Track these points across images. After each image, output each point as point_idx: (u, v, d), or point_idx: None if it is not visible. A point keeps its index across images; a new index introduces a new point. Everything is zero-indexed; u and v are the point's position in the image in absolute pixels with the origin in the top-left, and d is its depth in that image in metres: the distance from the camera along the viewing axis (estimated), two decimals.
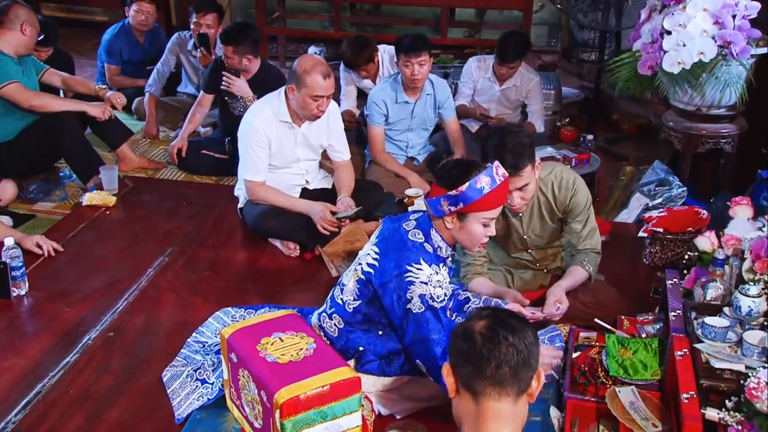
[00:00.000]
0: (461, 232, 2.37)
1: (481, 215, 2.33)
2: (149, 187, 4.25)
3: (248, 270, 3.45)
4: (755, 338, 2.24)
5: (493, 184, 2.29)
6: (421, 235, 2.38)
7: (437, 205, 2.33)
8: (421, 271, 2.31)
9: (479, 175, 2.28)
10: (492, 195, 2.30)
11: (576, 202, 2.84)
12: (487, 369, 1.55)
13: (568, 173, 2.89)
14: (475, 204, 2.29)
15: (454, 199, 2.29)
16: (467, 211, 2.31)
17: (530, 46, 4.74)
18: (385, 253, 2.39)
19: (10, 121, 3.98)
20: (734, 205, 2.87)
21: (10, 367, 2.75)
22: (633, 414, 2.30)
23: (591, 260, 2.89)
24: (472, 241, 2.39)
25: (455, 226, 2.36)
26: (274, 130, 3.44)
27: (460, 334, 1.61)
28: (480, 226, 2.35)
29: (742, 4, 3.36)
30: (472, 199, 2.28)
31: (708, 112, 3.64)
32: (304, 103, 3.34)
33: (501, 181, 2.32)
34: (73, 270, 3.39)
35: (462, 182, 2.27)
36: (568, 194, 2.84)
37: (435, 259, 2.37)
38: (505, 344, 1.55)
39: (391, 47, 4.55)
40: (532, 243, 2.97)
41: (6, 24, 3.90)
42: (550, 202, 2.86)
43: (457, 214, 2.33)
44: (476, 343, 1.57)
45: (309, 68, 3.29)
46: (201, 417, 2.49)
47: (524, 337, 1.58)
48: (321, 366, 2.25)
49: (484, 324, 1.59)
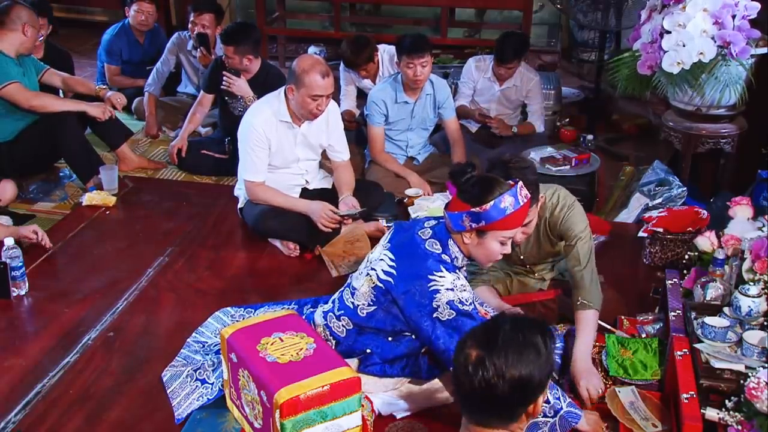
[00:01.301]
0: (478, 248, 2.35)
1: (500, 234, 2.32)
2: (149, 187, 4.24)
3: (248, 270, 3.45)
4: (755, 338, 2.24)
5: (516, 204, 2.28)
6: (438, 246, 2.37)
7: (459, 220, 2.32)
8: (444, 279, 2.31)
9: (504, 194, 2.26)
10: (514, 215, 2.29)
11: (568, 228, 2.72)
12: (463, 400, 1.59)
13: (564, 199, 2.76)
14: (497, 223, 2.28)
15: (476, 217, 2.28)
16: (488, 229, 2.30)
17: (529, 46, 4.74)
18: (402, 261, 2.38)
19: (10, 121, 3.99)
20: (734, 205, 2.87)
21: (10, 367, 2.75)
22: (633, 414, 2.30)
23: (592, 295, 2.67)
24: (488, 258, 2.39)
25: (473, 242, 2.34)
26: (273, 131, 3.44)
27: (459, 345, 1.61)
28: (497, 244, 2.34)
29: (741, 4, 3.36)
30: (495, 218, 2.27)
31: (708, 112, 3.64)
32: (304, 102, 3.34)
33: (524, 203, 2.31)
34: (73, 270, 3.39)
35: (486, 200, 2.26)
36: (559, 222, 2.73)
37: (452, 268, 2.37)
38: (479, 377, 1.55)
39: (391, 47, 4.55)
40: (529, 261, 2.97)
41: (7, 25, 3.90)
42: (547, 229, 2.80)
43: (477, 231, 2.32)
44: (459, 363, 1.58)
45: (308, 68, 3.29)
46: (201, 417, 2.49)
47: (508, 377, 1.55)
48: (321, 366, 2.25)
49: (477, 355, 1.56)
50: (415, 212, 3.75)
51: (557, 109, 5.10)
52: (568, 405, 2.28)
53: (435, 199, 3.86)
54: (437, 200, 3.83)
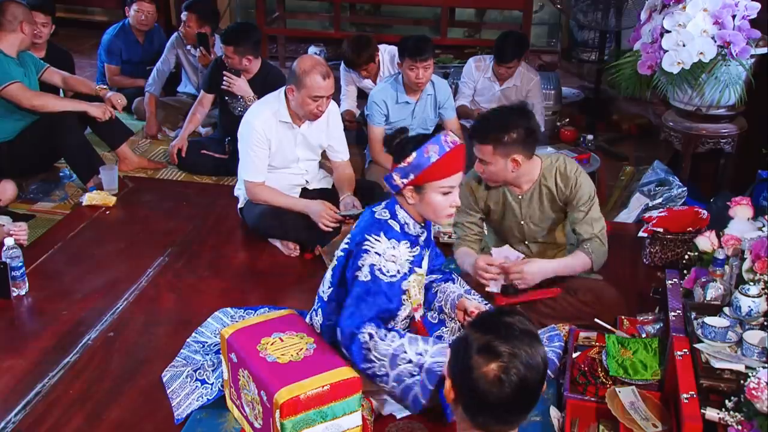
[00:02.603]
0: (422, 204, 2.36)
1: (437, 184, 2.32)
2: (149, 187, 4.25)
3: (248, 270, 3.45)
4: (755, 338, 2.24)
5: (441, 150, 2.28)
6: (387, 213, 2.40)
7: (391, 180, 2.36)
8: (378, 243, 2.33)
9: (426, 144, 2.29)
10: (442, 162, 2.28)
11: (578, 194, 2.84)
12: (501, 413, 1.53)
13: (572, 164, 2.89)
14: (426, 173, 2.29)
15: (403, 171, 2.31)
16: (421, 181, 2.31)
17: (528, 45, 4.74)
18: (353, 234, 2.43)
19: (10, 121, 3.99)
20: (734, 205, 2.87)
21: (10, 367, 2.75)
22: (633, 414, 2.30)
23: (594, 247, 2.86)
24: (436, 213, 2.38)
25: (415, 199, 2.36)
26: (273, 131, 3.44)
27: (471, 372, 1.52)
28: (439, 196, 2.34)
29: (741, 4, 3.36)
30: (422, 167, 2.28)
31: (708, 112, 3.64)
32: (304, 103, 3.34)
33: (451, 148, 2.30)
34: (73, 270, 3.39)
35: (409, 153, 2.29)
36: (569, 184, 2.84)
37: (402, 236, 2.37)
38: (519, 387, 1.50)
39: (392, 47, 4.55)
40: (529, 233, 2.97)
41: (5, 26, 3.91)
42: (552, 191, 2.87)
43: (414, 187, 2.33)
44: (490, 387, 1.50)
45: (308, 69, 3.29)
46: (201, 417, 2.49)
47: (535, 365, 1.52)
48: (321, 366, 2.25)
49: (497, 367, 1.50)
50: None
51: (557, 109, 5.10)
52: (433, 354, 2.27)
53: None
54: None
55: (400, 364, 2.26)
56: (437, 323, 2.56)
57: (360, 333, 2.28)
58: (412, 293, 2.46)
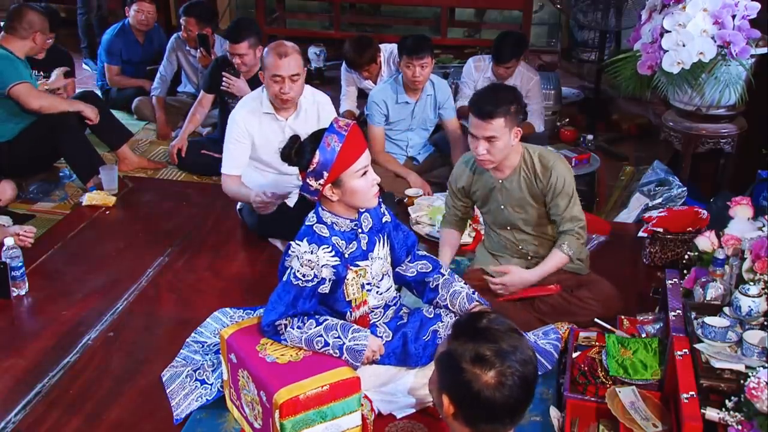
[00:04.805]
0: (347, 195, 2.34)
1: (351, 171, 2.30)
2: (149, 187, 4.25)
3: (248, 270, 3.45)
4: (755, 338, 2.24)
5: (341, 137, 2.27)
6: (314, 217, 2.40)
7: (308, 188, 2.34)
8: (299, 248, 2.33)
9: (323, 138, 2.27)
10: (346, 147, 2.27)
11: (552, 181, 2.85)
12: (506, 414, 1.54)
13: (551, 154, 2.93)
14: (337, 165, 2.27)
15: (315, 174, 2.29)
16: (336, 174, 2.29)
17: (526, 45, 4.73)
18: None
19: (10, 123, 3.99)
20: (734, 205, 2.86)
21: (10, 367, 2.75)
22: (633, 414, 2.30)
23: (570, 243, 2.87)
24: (364, 197, 2.36)
25: (337, 194, 2.34)
26: (256, 123, 3.42)
27: (470, 386, 1.52)
28: (358, 180, 2.32)
29: (741, 4, 3.36)
30: (330, 161, 2.27)
31: (708, 112, 3.64)
32: (268, 85, 3.33)
33: (348, 131, 2.29)
34: (73, 270, 3.39)
35: (313, 156, 2.27)
36: (546, 173, 2.85)
37: (327, 240, 2.34)
38: (520, 385, 1.52)
39: (392, 46, 4.55)
40: (510, 217, 2.96)
41: (19, 32, 3.97)
42: (530, 177, 2.88)
43: (332, 184, 2.31)
44: (494, 394, 1.51)
45: (269, 50, 3.31)
46: (201, 417, 2.49)
47: (528, 358, 1.54)
48: (320, 366, 2.25)
49: (495, 373, 1.51)
50: (414, 212, 3.75)
51: (557, 109, 5.10)
52: (351, 338, 2.31)
53: (435, 199, 3.86)
54: (437, 200, 3.82)
55: (317, 346, 2.32)
56: (433, 318, 2.54)
57: (278, 325, 2.34)
58: (350, 292, 2.44)
